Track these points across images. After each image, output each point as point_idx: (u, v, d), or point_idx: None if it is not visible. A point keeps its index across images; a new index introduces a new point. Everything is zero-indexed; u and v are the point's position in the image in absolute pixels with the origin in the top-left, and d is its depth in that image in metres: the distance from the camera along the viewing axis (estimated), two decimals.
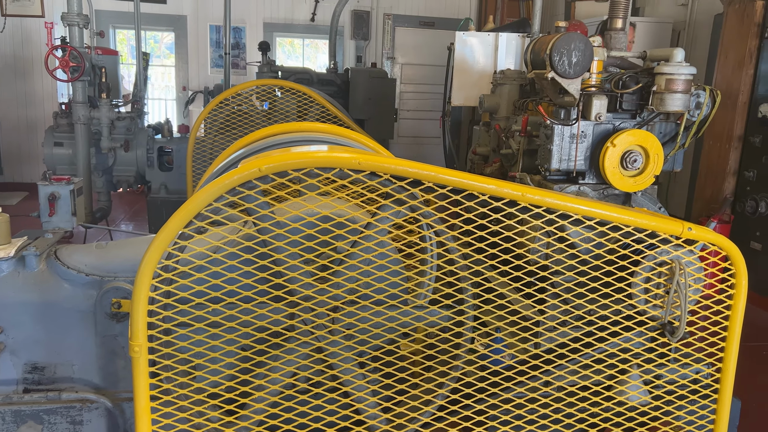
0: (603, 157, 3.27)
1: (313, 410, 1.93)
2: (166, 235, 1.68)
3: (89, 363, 2.15)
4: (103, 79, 5.79)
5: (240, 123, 4.97)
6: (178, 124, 7.25)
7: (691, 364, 2.18)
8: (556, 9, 9.13)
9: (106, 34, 9.48)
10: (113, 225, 6.80)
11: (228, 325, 1.86)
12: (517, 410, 2.08)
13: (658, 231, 2.01)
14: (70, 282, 2.11)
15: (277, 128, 2.95)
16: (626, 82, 3.40)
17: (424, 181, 1.83)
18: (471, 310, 1.99)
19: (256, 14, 9.97)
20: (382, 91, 6.75)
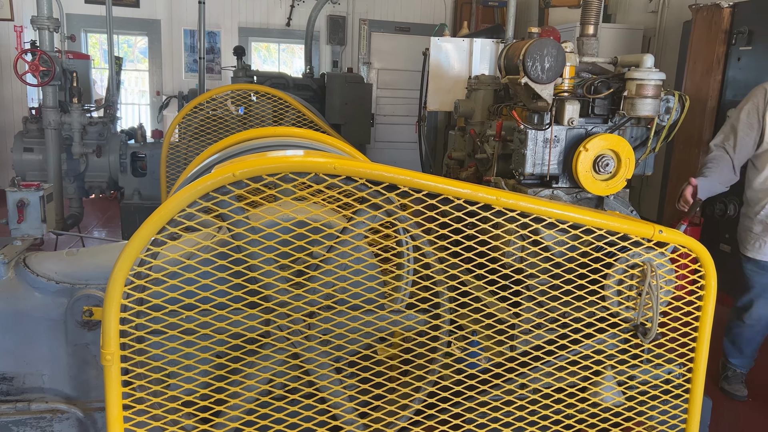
0: (576, 162, 3.31)
1: (289, 417, 1.91)
2: (139, 241, 1.65)
3: (60, 372, 2.10)
4: (74, 84, 5.69)
5: (215, 128, 4.93)
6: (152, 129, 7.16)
7: (663, 365, 2.21)
8: (529, 15, 9.25)
9: (78, 38, 9.34)
10: (85, 232, 6.68)
11: (202, 332, 1.83)
12: (494, 413, 2.09)
13: (630, 234, 2.04)
14: (40, 290, 2.07)
15: (253, 133, 2.94)
16: (598, 87, 3.45)
17: (399, 185, 1.83)
18: (447, 313, 2.00)
19: (231, 19, 9.91)
20: (359, 96, 6.76)
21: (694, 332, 2.10)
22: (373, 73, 10.27)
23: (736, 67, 5.22)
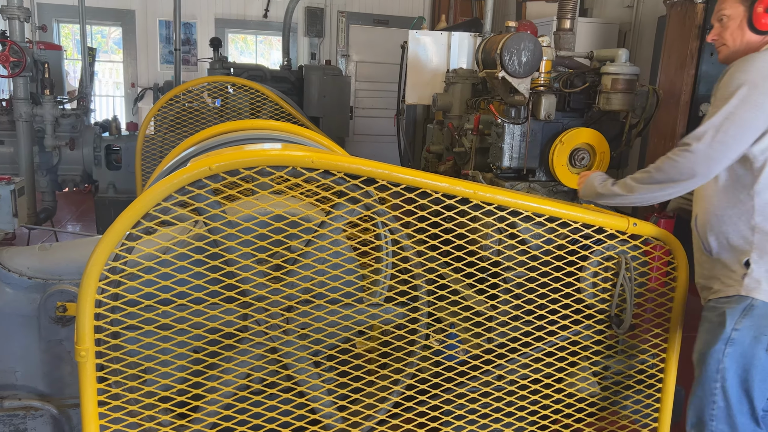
0: (552, 155, 3.35)
1: (267, 411, 1.91)
2: (113, 235, 1.63)
3: (33, 369, 2.07)
4: (46, 75, 5.57)
5: (191, 120, 4.88)
6: (127, 122, 7.05)
7: (637, 355, 2.25)
8: (507, 9, 9.29)
9: (50, 28, 9.15)
10: (59, 226, 6.57)
11: (178, 327, 1.82)
12: (471, 404, 2.11)
13: (605, 227, 2.07)
14: (12, 285, 2.03)
15: (229, 126, 2.91)
16: (574, 81, 3.49)
17: (377, 179, 1.84)
18: (425, 306, 2.01)
19: (207, 10, 9.79)
20: (337, 88, 6.73)
21: (666, 323, 2.14)
22: (352, 66, 10.23)
23: (709, 62, 5.30)
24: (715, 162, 1.81)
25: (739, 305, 1.86)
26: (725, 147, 1.80)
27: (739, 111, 1.80)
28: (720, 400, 1.88)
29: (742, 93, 1.81)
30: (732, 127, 1.79)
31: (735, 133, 1.79)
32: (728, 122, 1.80)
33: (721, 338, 1.87)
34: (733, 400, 1.86)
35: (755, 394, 1.85)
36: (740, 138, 1.80)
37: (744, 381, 1.85)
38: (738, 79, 1.84)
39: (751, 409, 1.87)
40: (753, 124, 1.80)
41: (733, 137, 1.80)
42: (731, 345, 1.85)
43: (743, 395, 1.86)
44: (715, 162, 1.81)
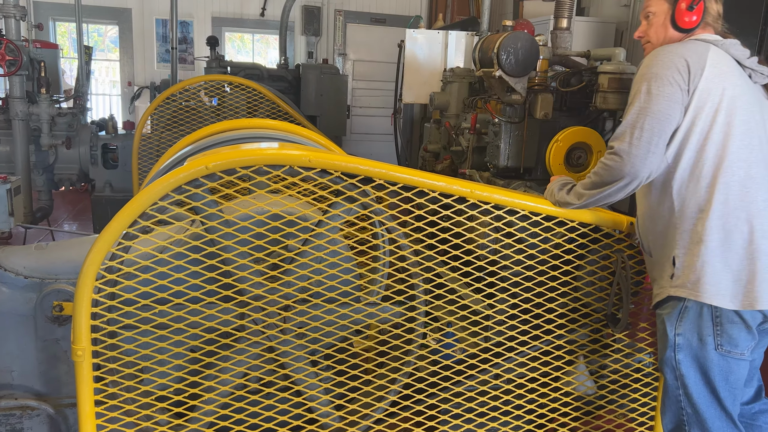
0: (549, 154, 3.35)
1: (264, 410, 1.91)
2: (110, 235, 1.63)
3: (29, 369, 2.06)
4: (42, 74, 5.55)
5: (188, 119, 4.87)
6: (123, 121, 7.04)
7: (634, 354, 2.26)
8: (504, 8, 9.28)
9: (46, 26, 9.10)
10: (55, 225, 6.55)
11: (175, 326, 1.82)
12: (468, 403, 2.11)
13: (602, 226, 2.07)
14: (8, 285, 2.03)
15: (226, 125, 2.90)
16: (571, 80, 3.49)
17: (375, 178, 1.84)
18: (423, 305, 2.01)
19: (204, 8, 9.76)
20: (334, 87, 6.71)
21: None
22: (349, 65, 10.22)
23: None
24: (641, 159, 1.78)
25: (674, 310, 1.82)
26: (646, 143, 1.78)
27: (649, 105, 1.79)
28: (687, 406, 1.84)
29: (647, 87, 1.81)
30: (647, 121, 1.78)
31: (651, 127, 1.78)
32: (641, 117, 1.79)
33: (668, 346, 1.83)
34: (701, 406, 1.82)
35: (723, 396, 1.80)
36: (658, 131, 1.78)
37: (707, 384, 1.81)
38: (642, 75, 1.84)
39: (723, 411, 1.82)
40: (667, 114, 1.78)
41: (651, 131, 1.78)
42: (679, 351, 1.81)
43: (711, 399, 1.82)
44: (641, 159, 1.78)
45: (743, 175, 1.79)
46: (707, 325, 1.78)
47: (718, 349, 1.77)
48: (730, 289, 1.75)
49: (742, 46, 1.91)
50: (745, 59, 1.90)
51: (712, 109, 1.80)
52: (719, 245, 1.76)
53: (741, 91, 1.84)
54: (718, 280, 1.76)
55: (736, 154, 1.79)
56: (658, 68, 1.81)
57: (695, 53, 1.82)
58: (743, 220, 1.77)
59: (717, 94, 1.80)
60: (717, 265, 1.76)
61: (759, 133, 1.84)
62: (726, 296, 1.75)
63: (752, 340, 1.79)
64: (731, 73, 1.85)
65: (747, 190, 1.78)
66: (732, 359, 1.78)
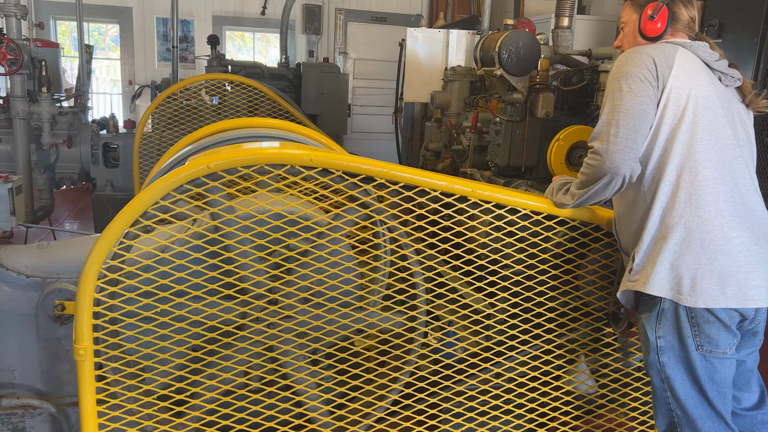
0: (550, 153, 3.35)
1: (264, 409, 1.91)
2: (112, 234, 1.63)
3: (31, 368, 2.07)
4: (43, 73, 5.55)
5: (188, 118, 4.87)
6: (124, 120, 7.05)
7: (635, 353, 2.26)
8: (505, 6, 9.27)
9: (47, 25, 9.11)
10: (56, 224, 6.56)
11: (177, 325, 1.82)
12: (469, 402, 2.11)
13: (603, 225, 2.07)
14: (10, 284, 2.03)
15: (227, 124, 2.90)
16: (572, 79, 3.49)
17: (376, 177, 1.84)
18: (424, 304, 2.02)
19: (205, 7, 9.75)
20: (335, 86, 6.71)
21: None
22: (350, 63, 10.21)
23: None
24: (619, 155, 1.79)
25: (652, 313, 1.81)
26: (623, 139, 1.79)
27: (622, 102, 1.81)
28: (676, 408, 1.83)
29: (619, 85, 1.83)
30: (621, 118, 1.80)
31: (627, 123, 1.79)
32: (616, 115, 1.81)
33: (651, 349, 1.83)
34: (690, 407, 1.81)
35: (711, 395, 1.79)
36: (634, 126, 1.79)
37: (695, 384, 1.80)
38: (614, 75, 1.87)
39: (713, 411, 1.81)
40: (641, 110, 1.79)
41: (626, 127, 1.79)
42: (663, 354, 1.81)
43: (700, 399, 1.81)
44: (619, 155, 1.79)
45: (708, 175, 1.79)
46: (685, 326, 1.77)
47: (699, 349, 1.77)
48: (687, 285, 1.75)
49: (712, 49, 1.93)
50: (713, 62, 1.91)
51: (680, 108, 1.81)
52: (679, 242, 1.77)
53: (708, 92, 1.84)
54: (674, 276, 1.76)
55: (701, 153, 1.80)
56: (629, 67, 1.83)
57: (663, 53, 1.84)
58: (704, 219, 1.77)
59: (684, 93, 1.82)
60: (675, 262, 1.76)
61: (725, 134, 1.85)
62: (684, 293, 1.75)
63: (733, 338, 1.78)
64: (699, 74, 1.86)
65: (710, 189, 1.79)
66: (715, 358, 1.78)
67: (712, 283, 1.74)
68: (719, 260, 1.75)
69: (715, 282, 1.74)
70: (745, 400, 1.97)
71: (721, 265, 1.75)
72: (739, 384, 1.92)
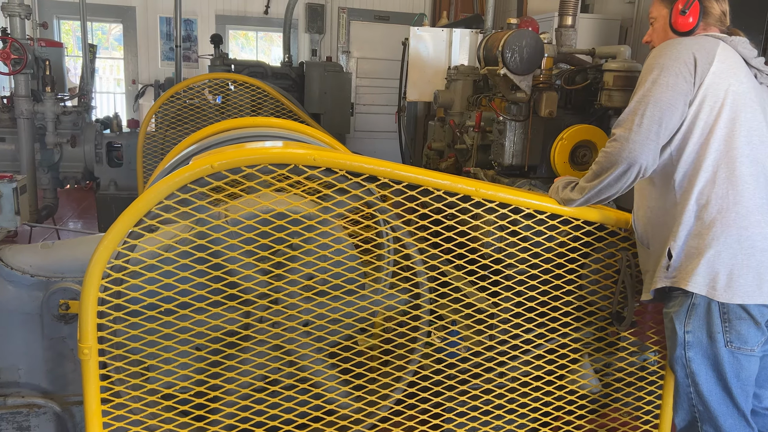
0: (554, 152, 3.34)
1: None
2: (116, 233, 1.64)
3: (36, 367, 2.07)
4: (47, 72, 5.56)
5: (192, 117, 4.88)
6: (128, 119, 7.04)
7: (639, 352, 2.25)
8: (508, 5, 9.26)
9: (50, 24, 9.13)
10: (60, 223, 6.57)
11: (181, 324, 1.82)
12: (473, 401, 2.11)
13: (607, 224, 2.07)
14: (14, 283, 2.04)
15: (231, 123, 2.91)
16: (576, 78, 3.48)
17: (379, 177, 1.84)
18: (427, 304, 2.02)
19: (208, 6, 9.76)
20: (338, 85, 6.71)
21: None
22: (353, 62, 10.21)
23: None
24: (639, 145, 1.78)
25: (682, 307, 1.81)
26: (646, 130, 1.78)
27: (653, 93, 1.79)
28: (699, 404, 1.83)
29: (653, 76, 1.81)
30: (648, 108, 1.79)
31: (652, 114, 1.78)
32: (644, 105, 1.80)
33: (678, 344, 1.82)
34: (713, 403, 1.81)
35: (735, 392, 1.79)
36: (659, 119, 1.78)
37: (720, 381, 1.80)
38: (649, 65, 1.85)
39: (736, 408, 1.80)
40: (670, 104, 1.78)
41: (651, 118, 1.78)
42: (690, 349, 1.80)
43: (725, 396, 1.80)
44: (639, 145, 1.78)
45: (744, 171, 1.79)
46: (716, 321, 1.77)
47: (728, 345, 1.77)
48: (723, 281, 1.75)
49: (751, 46, 1.91)
50: (752, 58, 1.91)
51: (718, 104, 1.80)
52: (716, 238, 1.76)
53: (746, 88, 1.84)
54: (710, 272, 1.76)
55: (739, 150, 1.80)
56: (666, 59, 1.82)
57: (704, 48, 1.83)
58: (742, 215, 1.77)
59: (723, 89, 1.81)
60: (711, 258, 1.76)
61: (761, 131, 1.85)
62: (719, 289, 1.75)
63: (762, 335, 1.79)
64: (738, 70, 1.85)
65: (747, 185, 1.79)
66: (742, 355, 1.78)
67: (749, 279, 1.75)
68: (756, 256, 1.76)
69: (751, 278, 1.75)
70: (766, 398, 1.96)
71: (757, 261, 1.76)
72: (760, 381, 1.91)
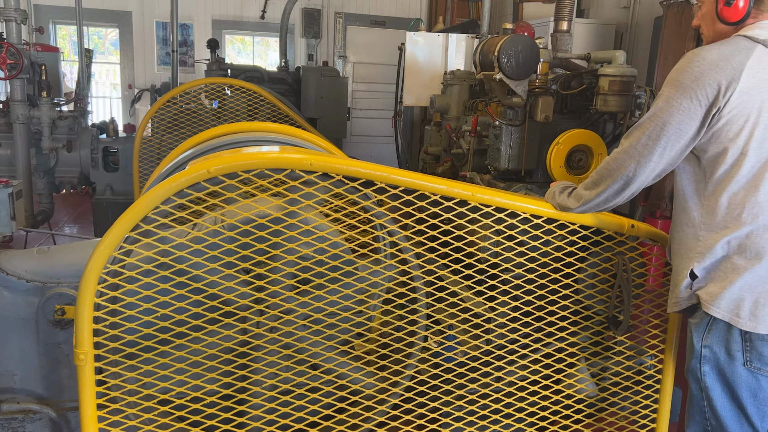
0: (550, 157, 3.35)
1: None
2: (112, 239, 1.63)
3: (31, 372, 2.07)
4: (43, 77, 5.56)
5: (188, 122, 4.88)
6: (124, 124, 7.04)
7: (635, 356, 2.25)
8: (504, 10, 9.29)
9: (46, 29, 9.12)
10: (56, 228, 6.56)
11: (177, 330, 1.82)
12: (470, 406, 2.11)
13: (603, 228, 2.07)
14: (10, 289, 2.03)
15: (227, 128, 2.91)
16: (571, 83, 3.49)
17: (376, 181, 1.84)
18: (424, 308, 2.01)
19: (204, 11, 9.77)
20: (335, 89, 6.72)
21: (664, 324, 2.14)
22: (349, 67, 10.23)
23: None
24: (639, 163, 1.73)
25: (702, 321, 1.76)
26: (648, 150, 1.72)
27: (664, 112, 1.71)
28: (711, 419, 1.79)
29: (669, 93, 1.72)
30: (655, 129, 1.72)
31: (658, 136, 1.71)
32: (652, 123, 1.73)
33: (694, 356, 1.78)
34: (726, 420, 1.75)
35: (750, 412, 1.73)
36: (664, 141, 1.71)
37: (734, 400, 1.74)
38: (671, 79, 1.75)
39: (751, 427, 1.75)
40: (677, 128, 1.69)
41: (656, 140, 1.71)
42: (705, 363, 1.75)
43: (737, 414, 1.75)
44: (639, 163, 1.73)
45: None
46: (736, 340, 1.71)
47: (747, 365, 1.71)
48: (747, 309, 1.69)
49: None
50: None
51: (749, 124, 1.68)
52: (743, 265, 1.69)
53: None
54: (734, 298, 1.70)
55: None
56: (686, 78, 1.70)
57: (730, 64, 1.67)
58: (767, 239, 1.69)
59: (755, 106, 1.67)
60: (736, 284, 1.70)
61: None
62: (742, 317, 1.69)
63: None
64: None
65: None
66: (762, 376, 1.72)
67: None
68: None
69: None
70: None
71: None
72: None
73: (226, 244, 1.78)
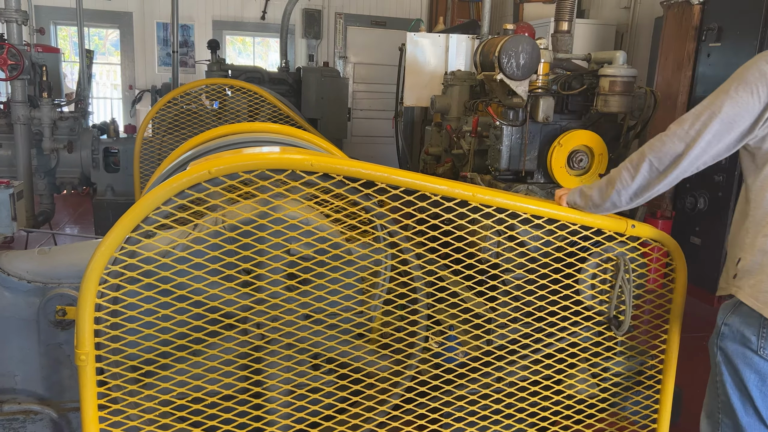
0: (550, 157, 3.35)
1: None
2: (113, 239, 1.64)
3: (32, 373, 2.07)
4: (44, 78, 5.57)
5: (189, 123, 4.88)
6: (125, 124, 7.05)
7: (636, 357, 2.25)
8: (505, 10, 9.30)
9: (47, 30, 9.14)
10: (57, 229, 6.56)
11: (179, 330, 1.82)
12: (470, 406, 2.11)
13: (604, 228, 2.07)
14: (11, 289, 2.03)
15: (228, 129, 2.91)
16: (572, 83, 3.50)
17: (377, 182, 1.84)
18: (425, 309, 2.02)
19: (205, 12, 9.78)
20: (335, 90, 6.73)
21: (665, 324, 2.15)
22: (350, 67, 10.24)
23: (706, 63, 5.31)
24: (689, 147, 1.75)
25: (731, 301, 1.83)
26: (699, 136, 1.74)
27: (719, 102, 1.74)
28: (722, 393, 1.84)
29: (728, 86, 1.76)
30: (708, 116, 1.74)
31: (711, 124, 1.73)
32: (706, 111, 1.76)
33: (715, 330, 1.84)
34: (733, 398, 1.81)
35: (755, 395, 1.78)
36: (715, 131, 1.73)
37: (740, 381, 1.79)
38: (736, 74, 1.79)
39: (755, 411, 1.79)
40: (731, 120, 1.73)
41: (708, 128, 1.74)
42: (721, 339, 1.81)
43: (743, 395, 1.80)
44: (689, 147, 1.75)
45: None
46: (755, 324, 1.76)
47: (759, 351, 1.75)
48: None
49: None
50: None
51: None
52: None
53: None
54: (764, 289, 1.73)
55: None
56: (751, 75, 1.75)
57: None
58: None
59: None
60: None
61: None
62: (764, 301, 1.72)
63: None
64: None
65: None
66: None
67: None
68: None
69: None
70: None
71: None
72: None
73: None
